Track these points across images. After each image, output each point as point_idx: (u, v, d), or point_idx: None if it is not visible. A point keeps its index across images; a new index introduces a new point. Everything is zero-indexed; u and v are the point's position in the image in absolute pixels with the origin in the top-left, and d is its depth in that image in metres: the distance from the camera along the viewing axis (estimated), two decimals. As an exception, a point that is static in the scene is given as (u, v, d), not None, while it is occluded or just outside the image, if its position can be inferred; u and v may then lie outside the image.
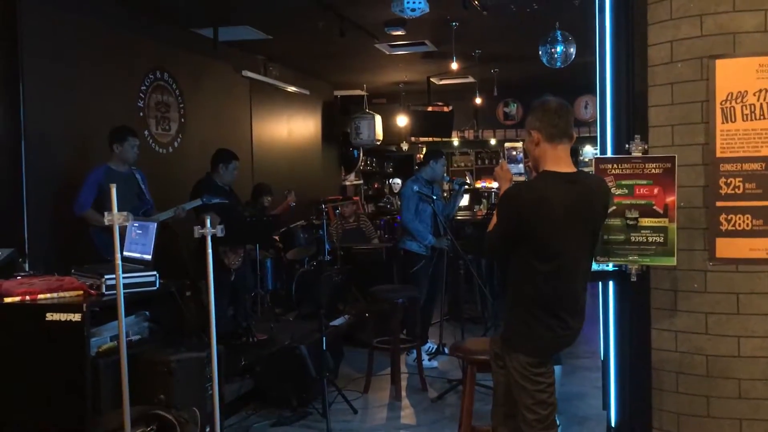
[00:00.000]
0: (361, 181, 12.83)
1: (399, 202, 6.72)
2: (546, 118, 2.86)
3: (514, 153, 6.53)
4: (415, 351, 5.85)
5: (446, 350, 6.34)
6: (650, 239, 3.34)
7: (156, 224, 4.07)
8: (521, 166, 3.25)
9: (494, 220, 2.96)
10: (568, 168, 2.87)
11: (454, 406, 5.02)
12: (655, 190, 3.34)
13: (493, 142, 12.95)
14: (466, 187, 8.02)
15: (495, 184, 12.24)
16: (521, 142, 8.17)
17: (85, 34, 5.88)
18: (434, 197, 6.28)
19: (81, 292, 3.67)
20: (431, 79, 10.46)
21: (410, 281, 6.30)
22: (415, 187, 6.23)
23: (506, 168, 3.10)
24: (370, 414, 5.04)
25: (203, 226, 3.57)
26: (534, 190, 2.86)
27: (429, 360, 6.11)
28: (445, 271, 6.60)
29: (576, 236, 2.83)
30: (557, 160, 2.86)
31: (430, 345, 6.45)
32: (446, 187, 7.17)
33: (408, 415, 5.05)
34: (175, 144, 7.11)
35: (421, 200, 6.24)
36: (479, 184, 12.43)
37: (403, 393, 5.42)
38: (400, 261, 6.54)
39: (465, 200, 11.43)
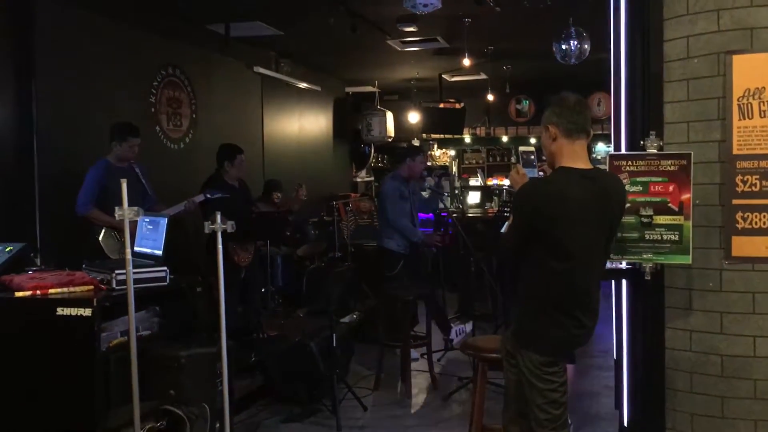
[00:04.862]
0: (372, 178, 12.81)
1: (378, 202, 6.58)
2: (564, 113, 2.82)
3: (532, 157, 6.38)
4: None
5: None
6: (665, 237, 3.31)
7: (167, 219, 4.06)
8: (536, 170, 3.21)
9: (510, 221, 2.93)
10: (584, 164, 2.84)
11: (465, 404, 5.00)
12: (671, 188, 3.30)
13: (505, 139, 12.90)
14: (447, 178, 7.90)
15: (506, 182, 12.20)
16: (533, 147, 8.17)
17: (98, 31, 5.88)
18: (427, 192, 6.22)
19: (92, 287, 3.67)
20: (443, 76, 10.42)
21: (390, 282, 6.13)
22: (396, 185, 6.17)
23: (522, 172, 3.04)
24: (380, 411, 5.01)
25: (214, 222, 3.57)
26: (550, 184, 2.82)
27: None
28: (445, 266, 6.53)
29: (591, 233, 2.80)
30: (574, 156, 2.82)
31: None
32: (431, 182, 7.06)
33: (418, 413, 5.03)
34: (187, 140, 7.11)
35: (401, 198, 6.19)
36: (491, 182, 12.38)
37: (414, 390, 5.40)
38: (378, 261, 6.34)
39: (476, 198, 11.39)
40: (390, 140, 11.38)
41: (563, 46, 6.57)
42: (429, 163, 11.99)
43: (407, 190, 6.23)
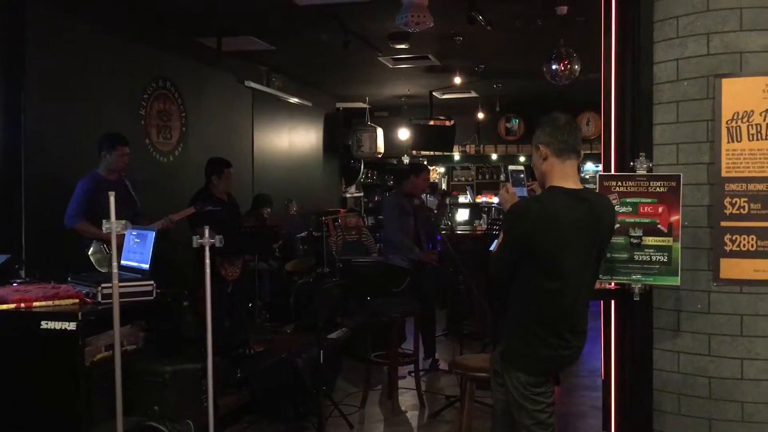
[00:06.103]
0: (362, 194, 12.81)
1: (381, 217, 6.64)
2: (555, 133, 2.83)
3: (522, 176, 6.36)
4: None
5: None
6: (654, 258, 3.31)
7: (154, 233, 4.03)
8: (525, 189, 3.20)
9: (500, 240, 2.92)
10: (575, 184, 2.84)
11: (452, 423, 4.96)
12: (660, 209, 3.31)
13: (494, 157, 12.95)
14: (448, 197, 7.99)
15: (495, 199, 12.23)
16: (522, 166, 8.21)
17: (89, 42, 5.86)
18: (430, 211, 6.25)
19: (77, 300, 3.63)
20: (433, 93, 10.46)
21: (397, 298, 6.11)
22: (397, 200, 6.18)
23: (512, 191, 3.04)
24: (366, 429, 4.98)
25: (202, 236, 3.54)
26: (541, 204, 2.82)
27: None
28: (436, 284, 6.50)
29: (581, 254, 2.80)
30: (565, 176, 2.83)
31: None
32: (433, 202, 7.14)
33: (405, 431, 4.99)
34: (176, 153, 7.09)
35: (403, 213, 6.19)
36: (480, 199, 12.40)
37: (401, 408, 5.36)
38: (384, 277, 6.31)
39: (465, 215, 11.40)
40: (380, 156, 11.40)
41: (553, 66, 6.60)
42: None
43: (410, 205, 6.22)
